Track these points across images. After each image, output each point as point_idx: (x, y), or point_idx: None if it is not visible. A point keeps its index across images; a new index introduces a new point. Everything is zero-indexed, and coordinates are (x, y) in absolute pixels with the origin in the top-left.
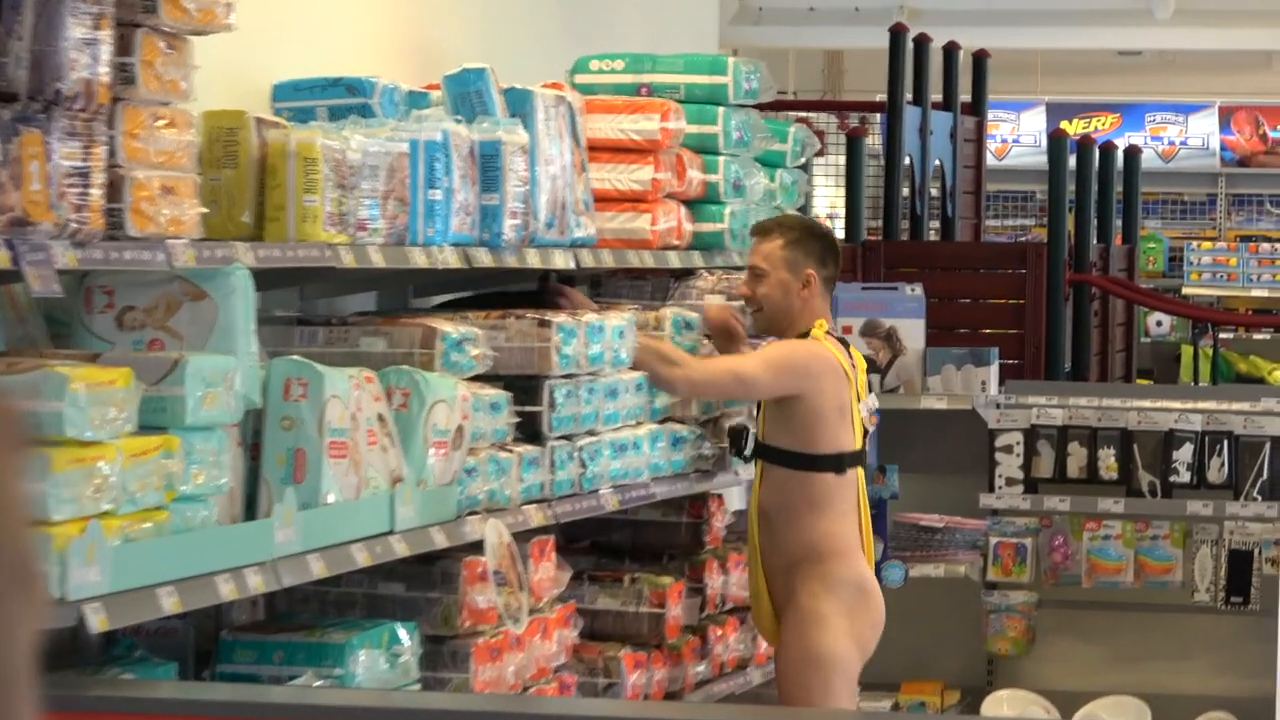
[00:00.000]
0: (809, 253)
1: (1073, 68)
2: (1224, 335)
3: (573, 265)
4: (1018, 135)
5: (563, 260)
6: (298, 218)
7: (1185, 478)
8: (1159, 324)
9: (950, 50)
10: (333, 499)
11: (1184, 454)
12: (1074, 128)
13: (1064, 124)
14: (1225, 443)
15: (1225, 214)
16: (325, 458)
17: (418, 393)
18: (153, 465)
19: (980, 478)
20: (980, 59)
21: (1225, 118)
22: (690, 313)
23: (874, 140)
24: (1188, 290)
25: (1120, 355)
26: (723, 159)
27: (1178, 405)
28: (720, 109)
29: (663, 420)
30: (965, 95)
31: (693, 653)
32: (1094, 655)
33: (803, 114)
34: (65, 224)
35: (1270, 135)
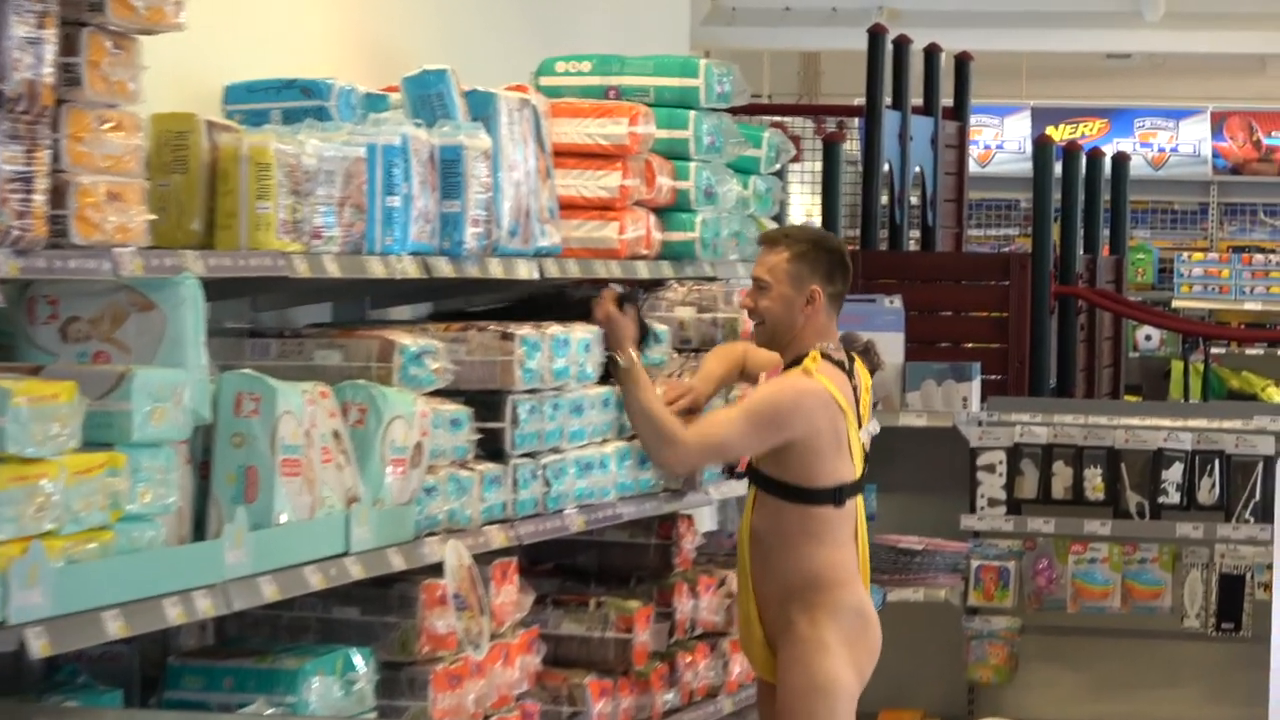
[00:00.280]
0: (815, 268)
1: (1059, 71)
2: (1215, 350)
3: (536, 275)
4: (1001, 141)
5: (526, 270)
6: (250, 225)
7: (1175, 499)
8: (1148, 338)
9: (931, 52)
10: (285, 519)
11: (1173, 474)
12: (1060, 133)
13: (1050, 129)
14: (1216, 462)
15: (1217, 224)
16: (278, 476)
17: (374, 408)
18: (98, 483)
19: (961, 498)
20: (963, 62)
21: (1217, 123)
22: (659, 325)
23: (852, 146)
24: (1178, 303)
25: (1107, 371)
26: (694, 165)
27: (1167, 423)
28: (691, 113)
29: (630, 437)
30: (947, 99)
31: (661, 680)
32: (1079, 684)
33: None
34: (7, 231)
35: (1264, 142)
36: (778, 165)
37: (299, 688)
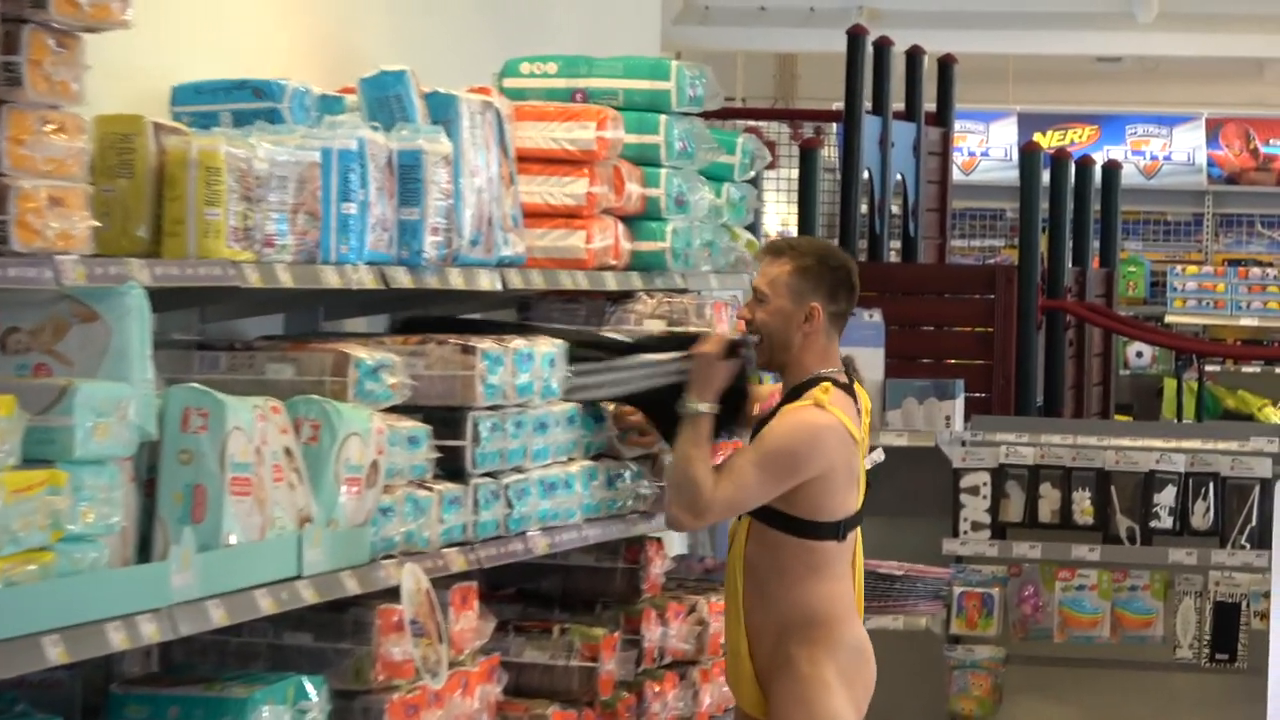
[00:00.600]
0: (818, 285)
1: (1047, 75)
2: (1210, 368)
3: (499, 286)
4: (987, 148)
5: (489, 281)
6: (199, 232)
7: (1167, 523)
8: (1139, 355)
9: (914, 55)
10: (235, 540)
11: (1166, 497)
12: (1048, 140)
13: (1037, 136)
14: (1211, 485)
15: (1212, 235)
16: (227, 495)
17: (328, 425)
18: (37, 502)
19: (944, 521)
20: (946, 65)
21: (1213, 131)
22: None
23: (829, 152)
24: (1171, 318)
25: (1097, 389)
26: (664, 172)
27: (1159, 444)
28: (662, 117)
29: (596, 457)
30: (930, 104)
31: (628, 711)
32: (1066, 717)
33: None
34: None
35: (1262, 150)
36: (752, 172)
37: (248, 717)
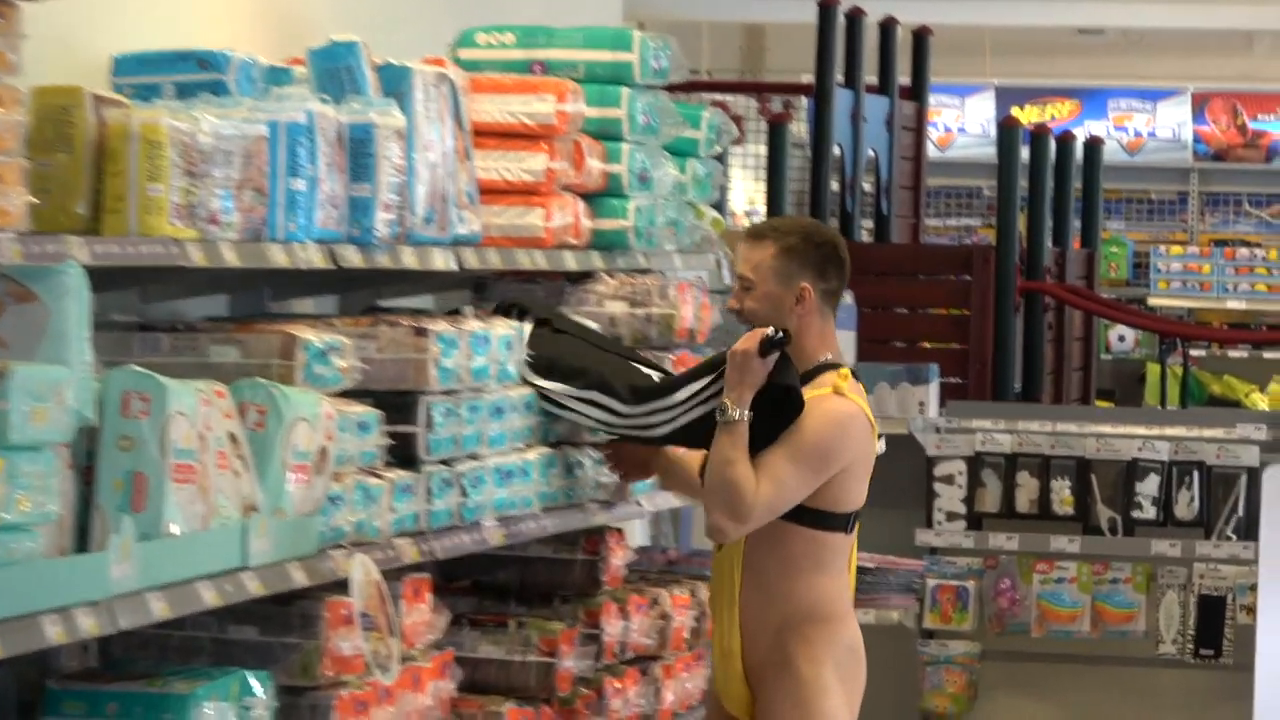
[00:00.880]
0: (805, 264)
1: (1026, 47)
2: (1195, 352)
3: (454, 266)
4: (963, 123)
5: (443, 260)
6: (140, 209)
7: (1150, 513)
8: (1121, 339)
9: (887, 26)
10: (177, 530)
11: (1149, 486)
12: (1027, 115)
13: (1016, 111)
14: (1195, 474)
15: (1198, 215)
16: (168, 482)
17: (275, 409)
18: None
19: (917, 512)
20: (921, 36)
21: (1199, 106)
22: (588, 321)
23: (799, 128)
24: (1154, 301)
25: (1077, 374)
26: (626, 147)
27: (1142, 431)
28: (624, 90)
29: (555, 444)
30: (904, 77)
31: (587, 708)
32: (1044, 714)
33: (719, 97)
34: None
35: (1250, 126)
36: (718, 148)
37: (190, 714)
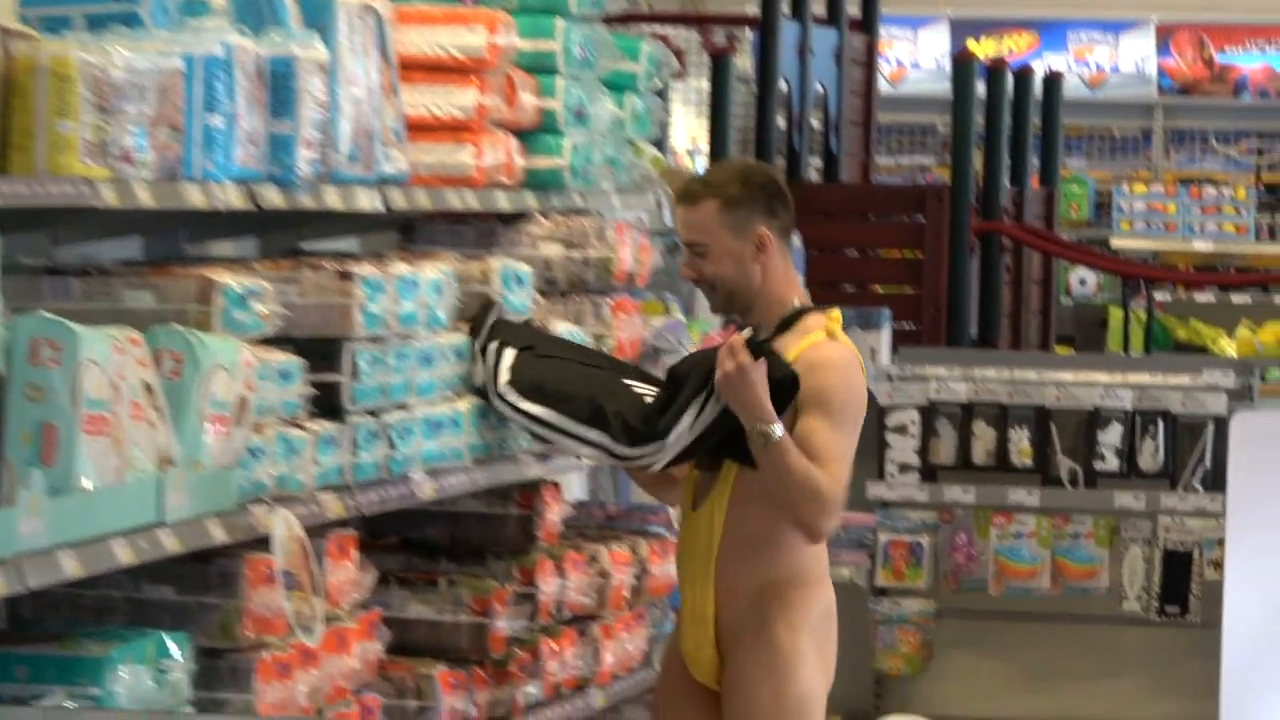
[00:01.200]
0: (754, 209)
1: None
2: (1160, 296)
3: (380, 206)
4: (916, 57)
5: (368, 201)
6: (49, 147)
7: (1112, 464)
8: (1082, 282)
9: None
10: (89, 484)
11: (1111, 436)
12: (983, 48)
13: (971, 44)
14: (1160, 423)
15: (1162, 152)
16: (80, 434)
17: (192, 357)
18: None
19: (868, 463)
20: None
21: (1163, 38)
22: (521, 264)
23: (743, 61)
24: (1117, 242)
25: (1036, 319)
26: (562, 81)
27: (1104, 379)
28: (559, 21)
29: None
30: (853, 9)
31: (522, 671)
32: (1002, 675)
33: (659, 29)
34: None
35: (1216, 59)
36: (658, 83)
37: (104, 678)
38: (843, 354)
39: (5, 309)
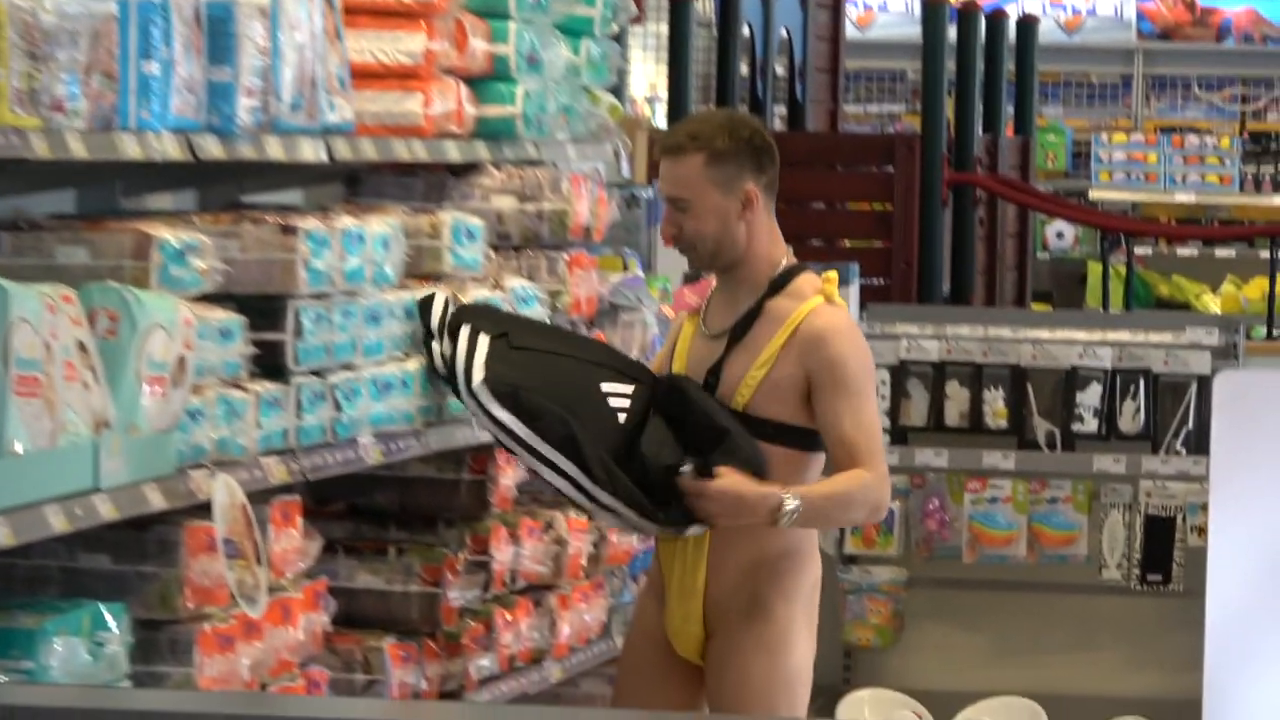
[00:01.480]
0: (743, 164)
1: None
2: (1140, 250)
3: (324, 158)
4: (884, 0)
5: (312, 151)
6: None
7: (1091, 426)
8: (1060, 236)
9: None
10: (20, 448)
11: (1090, 397)
12: None
13: None
14: (1141, 383)
15: (1143, 99)
16: (11, 396)
17: (128, 315)
18: None
19: None
20: None
21: None
22: (472, 218)
23: (704, 5)
24: (1095, 194)
25: (1011, 274)
26: (514, 26)
27: (1083, 336)
28: None
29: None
30: None
31: (475, 643)
32: (977, 647)
33: None
34: None
35: (1198, 2)
36: (615, 27)
37: (38, 650)
38: (845, 319)
39: None
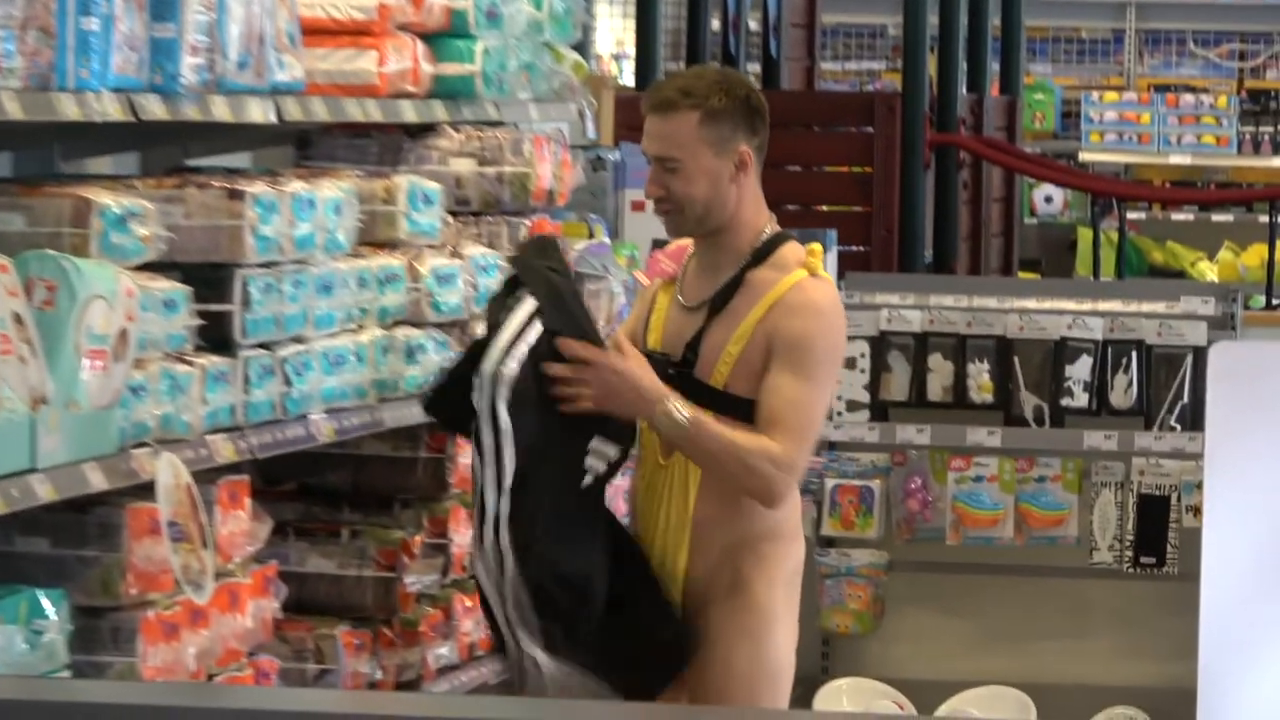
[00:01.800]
0: (737, 124)
1: None
2: (1133, 215)
3: (273, 118)
4: None
5: (260, 112)
6: None
7: (1081, 401)
8: (1048, 200)
9: None
10: None
11: (1080, 370)
12: None
13: None
14: (1134, 355)
15: (1135, 56)
16: None
17: (67, 285)
18: None
19: None
20: None
21: None
22: (429, 182)
23: None
24: (1086, 156)
25: (997, 241)
26: None
27: (1072, 306)
28: None
29: (393, 324)
30: None
31: (433, 630)
32: (961, 634)
33: None
34: None
35: None
36: None
37: None
38: (828, 295)
39: None
